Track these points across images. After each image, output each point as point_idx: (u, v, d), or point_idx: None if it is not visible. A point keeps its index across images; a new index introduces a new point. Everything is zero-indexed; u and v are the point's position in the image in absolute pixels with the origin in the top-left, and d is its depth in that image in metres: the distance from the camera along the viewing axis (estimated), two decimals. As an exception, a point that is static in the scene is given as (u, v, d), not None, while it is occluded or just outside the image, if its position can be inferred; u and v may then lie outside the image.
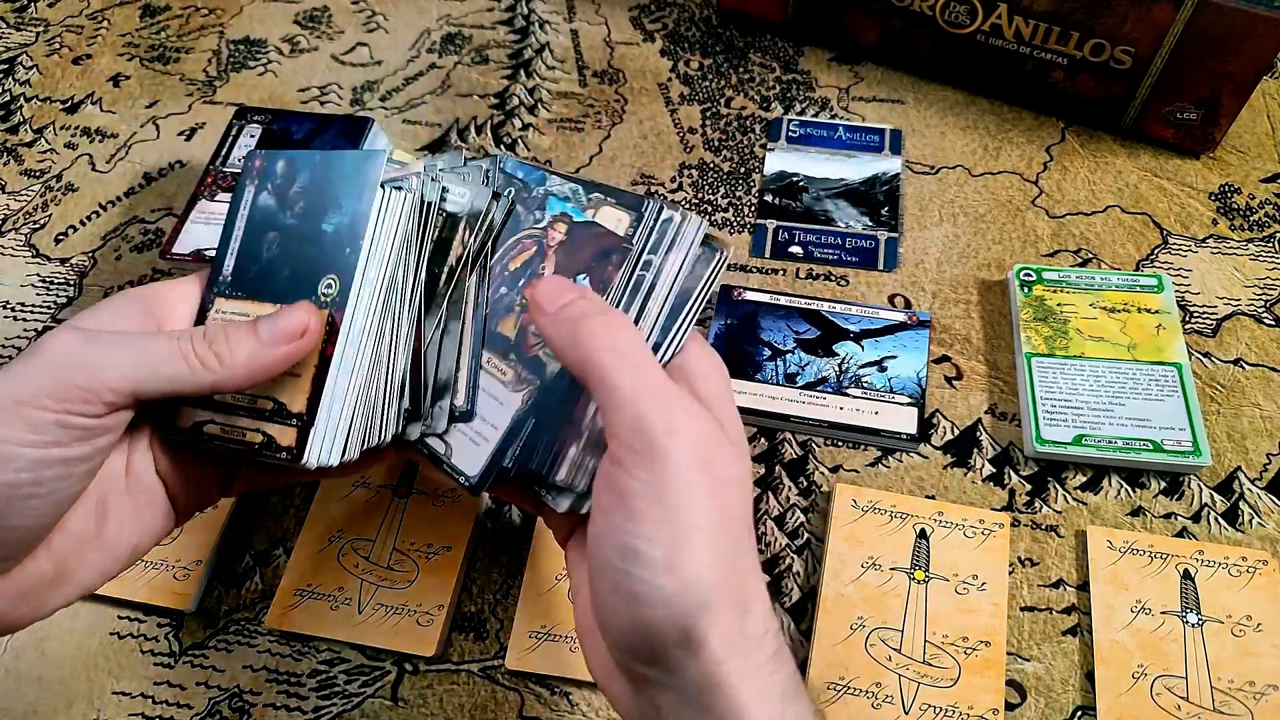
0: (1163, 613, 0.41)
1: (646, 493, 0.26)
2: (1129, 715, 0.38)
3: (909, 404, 0.47)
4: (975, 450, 0.46)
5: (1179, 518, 0.44)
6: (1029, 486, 0.45)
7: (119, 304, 0.32)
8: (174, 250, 0.48)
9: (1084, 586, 0.42)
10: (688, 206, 0.56)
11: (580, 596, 0.33)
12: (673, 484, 0.26)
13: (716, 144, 0.60)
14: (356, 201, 0.31)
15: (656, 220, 0.32)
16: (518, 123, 0.62)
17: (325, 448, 0.30)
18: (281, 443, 0.30)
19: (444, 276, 0.33)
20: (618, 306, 0.32)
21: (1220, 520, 0.44)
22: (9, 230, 0.59)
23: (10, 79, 0.67)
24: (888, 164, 0.57)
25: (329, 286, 0.31)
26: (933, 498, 0.45)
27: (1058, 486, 0.45)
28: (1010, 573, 0.42)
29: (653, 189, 0.57)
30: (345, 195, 0.32)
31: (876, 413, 0.47)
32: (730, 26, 0.66)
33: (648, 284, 0.32)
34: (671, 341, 0.32)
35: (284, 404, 0.31)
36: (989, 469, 0.46)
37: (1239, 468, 0.45)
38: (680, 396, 0.28)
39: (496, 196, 0.34)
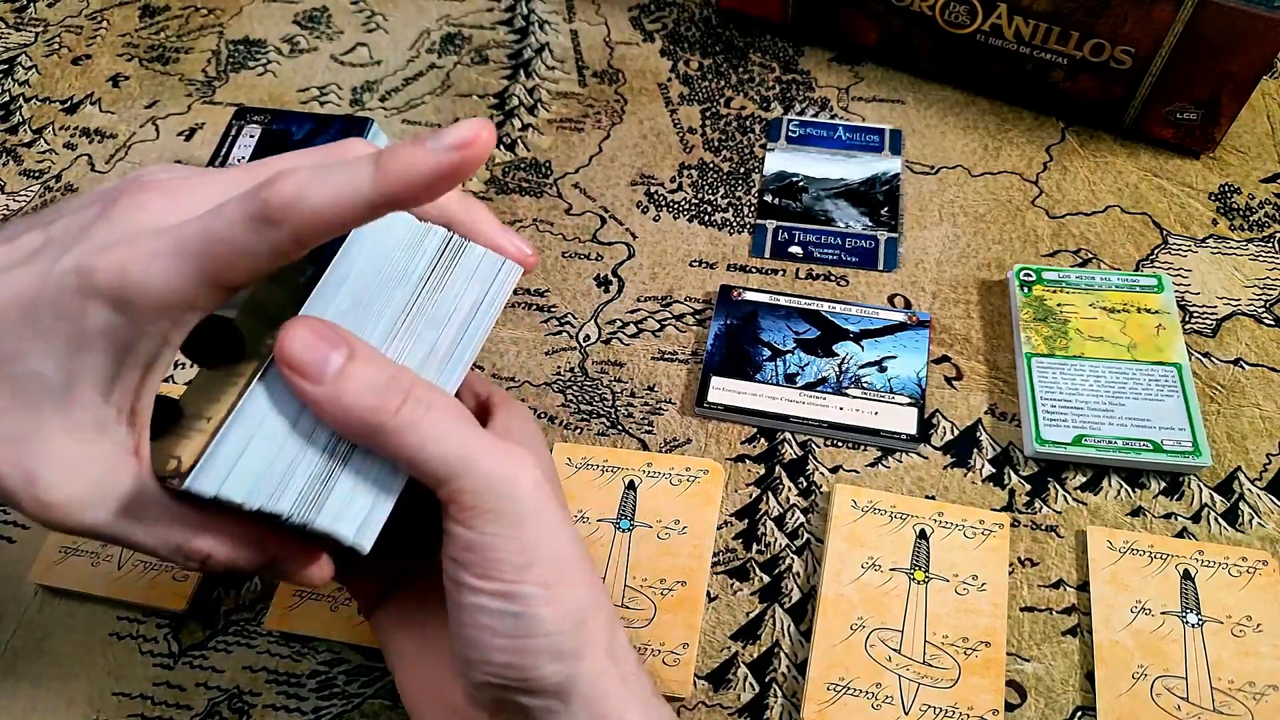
0: (1163, 613, 0.41)
1: (508, 544, 0.26)
2: (1129, 715, 0.38)
3: (909, 404, 0.47)
4: (975, 450, 0.46)
5: (1179, 518, 0.44)
6: (1029, 487, 0.45)
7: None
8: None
9: (1084, 587, 0.42)
10: (688, 206, 0.57)
11: (407, 661, 0.32)
12: (535, 531, 0.27)
13: (716, 144, 0.60)
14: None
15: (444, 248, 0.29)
16: (518, 123, 0.62)
17: (216, 475, 0.26)
18: (184, 469, 0.26)
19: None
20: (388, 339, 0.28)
21: (1220, 520, 0.44)
22: (9, 230, 0.59)
23: (10, 79, 0.67)
24: (887, 164, 0.57)
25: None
26: (933, 498, 0.45)
27: (1058, 487, 0.45)
28: (1010, 573, 0.42)
29: (652, 189, 0.58)
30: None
31: (876, 413, 0.47)
32: (730, 26, 0.66)
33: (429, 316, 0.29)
34: (457, 376, 0.29)
35: (177, 464, 0.27)
36: (989, 469, 0.46)
37: (1239, 468, 0.45)
38: (506, 447, 0.27)
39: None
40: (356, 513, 0.27)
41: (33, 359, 0.25)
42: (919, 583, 0.42)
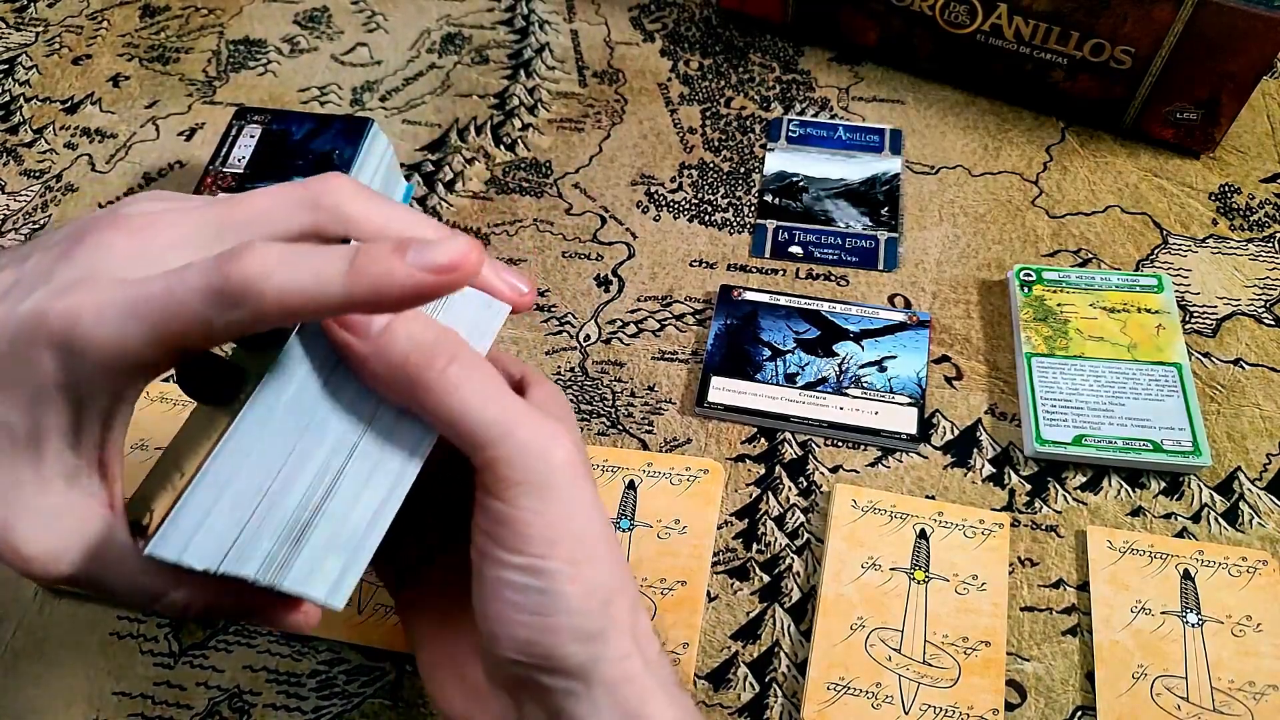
0: (1163, 613, 0.41)
1: (537, 519, 0.26)
2: (1129, 715, 0.38)
3: (909, 404, 0.47)
4: (975, 450, 0.46)
5: (1179, 518, 0.44)
6: (1029, 486, 0.45)
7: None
8: (174, 250, 0.48)
9: (1084, 586, 0.42)
10: (688, 206, 0.57)
11: (429, 641, 0.32)
12: (565, 506, 0.27)
13: (716, 144, 0.60)
14: None
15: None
16: (518, 123, 0.62)
17: (178, 542, 0.25)
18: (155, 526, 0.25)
19: None
20: None
21: (1220, 520, 0.44)
22: (9, 231, 0.59)
23: (10, 79, 0.67)
24: (888, 164, 0.57)
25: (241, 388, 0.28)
26: (933, 498, 0.45)
27: (1058, 486, 0.45)
28: (1010, 573, 0.42)
29: (653, 189, 0.58)
30: None
31: (876, 413, 0.47)
32: (730, 26, 0.66)
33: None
34: None
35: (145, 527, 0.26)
36: (989, 469, 0.46)
37: (1239, 468, 0.45)
38: (543, 419, 0.27)
39: None
40: (329, 571, 0.26)
41: (2, 409, 0.25)
42: (919, 582, 0.42)
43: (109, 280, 0.24)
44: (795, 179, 0.57)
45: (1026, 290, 0.50)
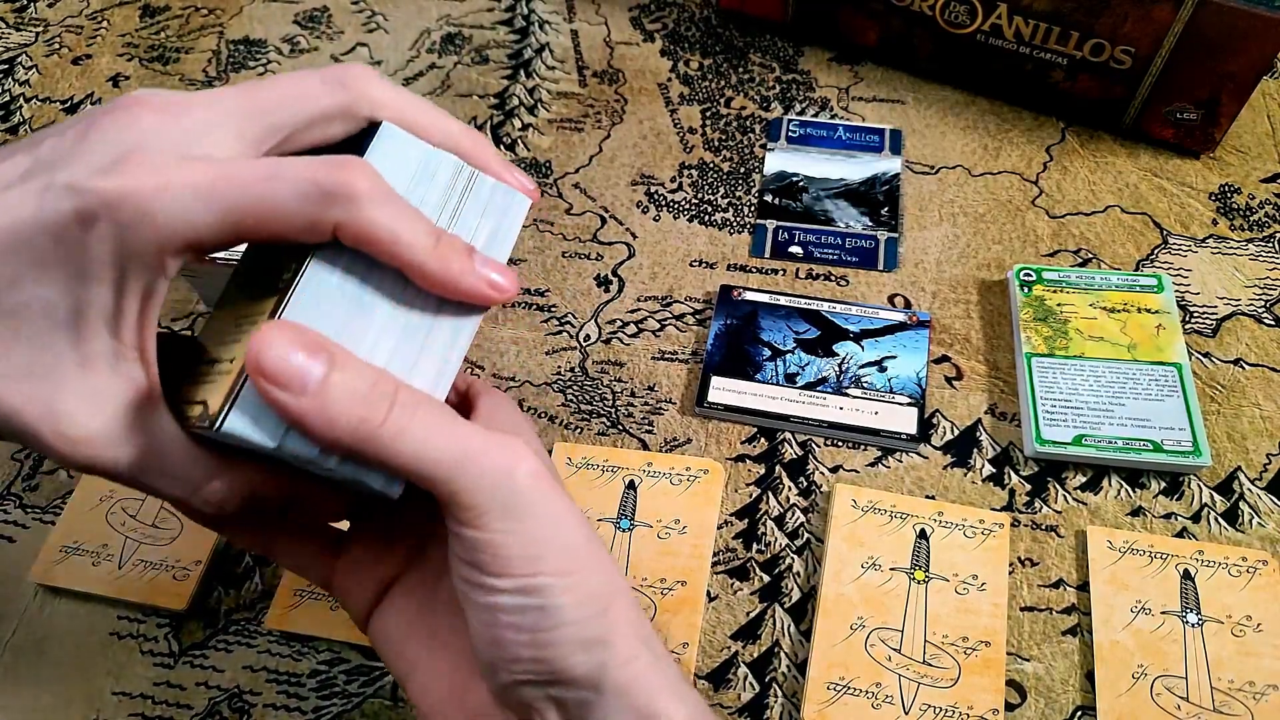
0: (1163, 613, 0.41)
1: (515, 539, 0.26)
2: (1129, 715, 0.38)
3: (909, 404, 0.47)
4: (975, 450, 0.46)
5: (1179, 518, 0.44)
6: (1029, 486, 0.45)
7: None
8: (174, 250, 0.48)
9: (1084, 586, 0.42)
10: (688, 206, 0.57)
11: (420, 670, 0.31)
12: (541, 520, 0.26)
13: (716, 144, 0.60)
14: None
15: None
16: (518, 123, 0.62)
17: (246, 420, 0.25)
18: (210, 412, 0.25)
19: None
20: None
21: (1220, 520, 0.44)
22: (9, 230, 0.59)
23: (10, 79, 0.67)
24: (888, 164, 0.57)
25: (288, 269, 0.27)
26: (933, 498, 0.45)
27: (1058, 486, 0.45)
28: (1010, 573, 0.42)
29: (652, 189, 0.58)
30: None
31: (876, 413, 0.47)
32: (730, 26, 0.66)
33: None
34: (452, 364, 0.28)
35: (194, 409, 0.27)
36: (989, 469, 0.46)
37: (1239, 468, 0.45)
38: (498, 440, 0.26)
39: None
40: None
41: (34, 287, 0.24)
42: (919, 582, 0.42)
43: (167, 158, 0.24)
44: (795, 179, 0.57)
45: (1026, 290, 0.50)
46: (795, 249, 0.54)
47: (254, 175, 0.24)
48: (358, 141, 0.27)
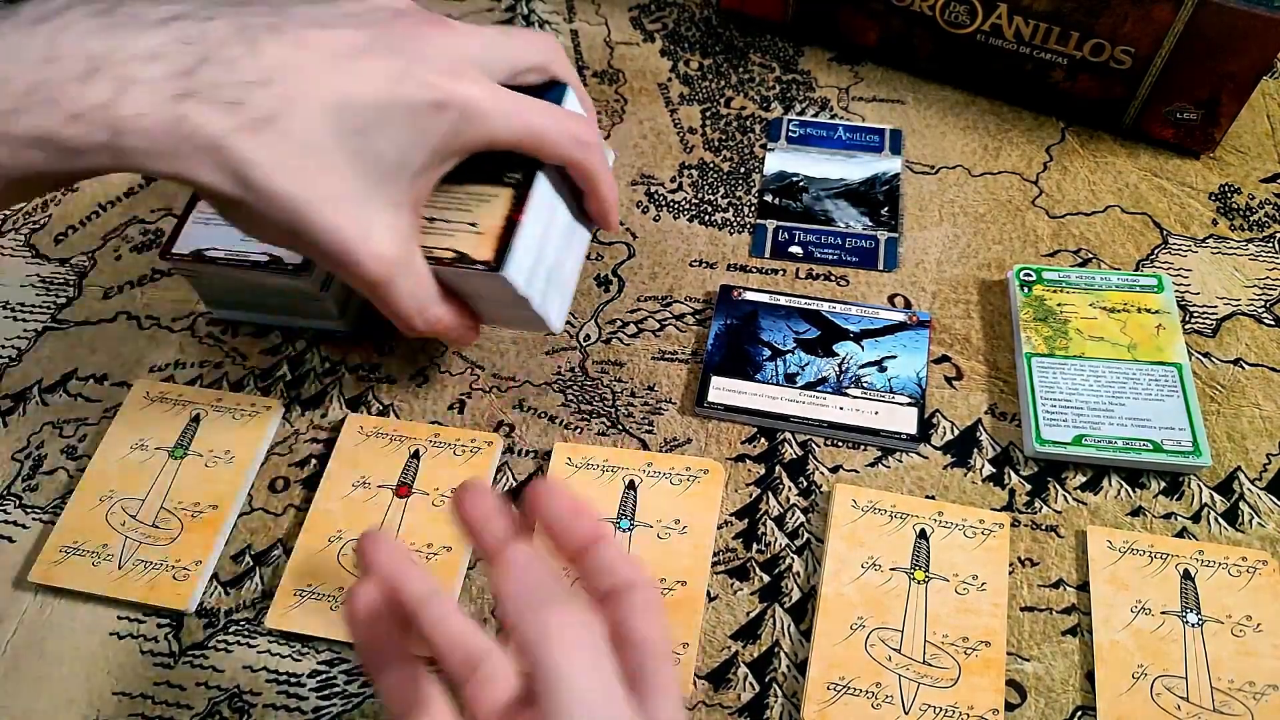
0: (1163, 613, 0.41)
1: None
2: (1129, 715, 0.38)
3: (909, 404, 0.47)
4: (975, 450, 0.46)
5: (1179, 518, 0.44)
6: (1029, 486, 0.45)
7: None
8: (174, 250, 0.48)
9: (1084, 586, 0.42)
10: (688, 206, 0.57)
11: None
12: None
13: (716, 144, 0.60)
14: None
15: None
16: (518, 123, 0.61)
17: (518, 271, 0.39)
18: (476, 257, 0.38)
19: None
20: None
21: (1220, 520, 0.44)
22: (9, 230, 0.59)
23: (10, 79, 0.67)
24: (888, 164, 0.57)
25: (513, 173, 0.40)
26: (933, 498, 0.45)
27: (1058, 486, 0.45)
28: (1010, 573, 0.42)
29: (652, 189, 0.58)
30: None
31: (876, 413, 0.47)
32: (730, 26, 0.66)
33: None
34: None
35: (465, 253, 0.38)
36: (989, 469, 0.46)
37: (1239, 468, 0.45)
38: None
39: None
40: (558, 305, 0.43)
41: (379, 141, 0.34)
42: (919, 582, 0.42)
43: (487, 82, 0.36)
44: (795, 179, 0.57)
45: (1026, 290, 0.50)
46: (795, 249, 0.54)
47: (543, 115, 0.37)
48: (540, 88, 0.40)
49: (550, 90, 0.40)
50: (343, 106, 0.33)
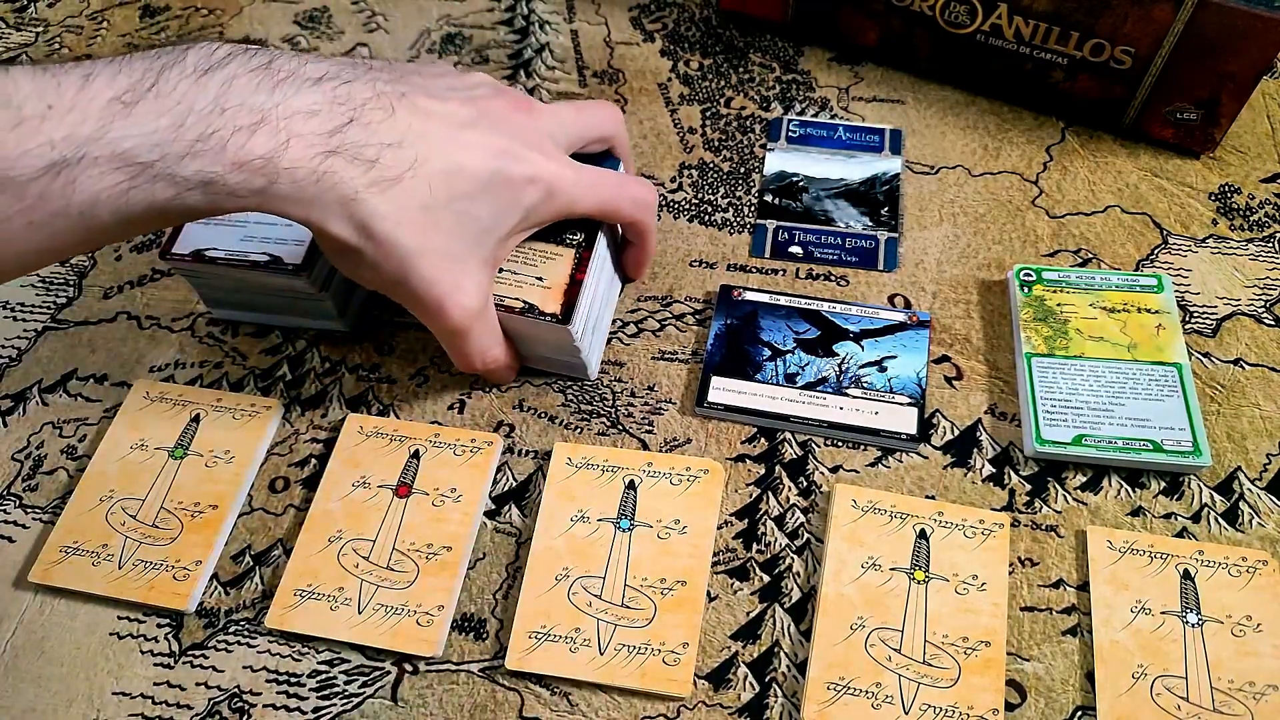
0: (1163, 613, 0.41)
1: None
2: (1129, 715, 0.38)
3: (909, 404, 0.47)
4: (975, 450, 0.46)
5: (1179, 518, 0.44)
6: (1029, 486, 0.45)
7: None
8: (174, 250, 0.48)
9: (1084, 586, 0.42)
10: (688, 206, 0.57)
11: None
12: None
13: (716, 144, 0.60)
14: None
15: None
16: (518, 123, 0.61)
17: (579, 325, 0.44)
18: (545, 309, 0.43)
19: None
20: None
21: (1220, 520, 0.44)
22: (9, 230, 0.59)
23: (10, 79, 0.67)
24: (888, 164, 0.57)
25: (574, 234, 0.46)
26: (933, 498, 0.45)
27: (1058, 486, 0.45)
28: (1010, 573, 0.42)
29: (653, 189, 0.58)
30: None
31: (876, 413, 0.47)
32: (730, 26, 0.66)
33: None
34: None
35: (534, 305, 0.43)
36: (989, 469, 0.46)
37: (1239, 468, 0.45)
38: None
39: None
40: (597, 355, 0.50)
41: (475, 206, 0.38)
42: (919, 582, 0.42)
43: (567, 159, 0.42)
44: (795, 179, 0.57)
45: (1026, 290, 0.50)
46: (795, 249, 0.54)
47: (614, 187, 0.43)
48: (599, 156, 0.47)
49: (607, 159, 0.47)
50: (455, 173, 0.37)
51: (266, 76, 0.34)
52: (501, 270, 0.44)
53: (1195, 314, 0.50)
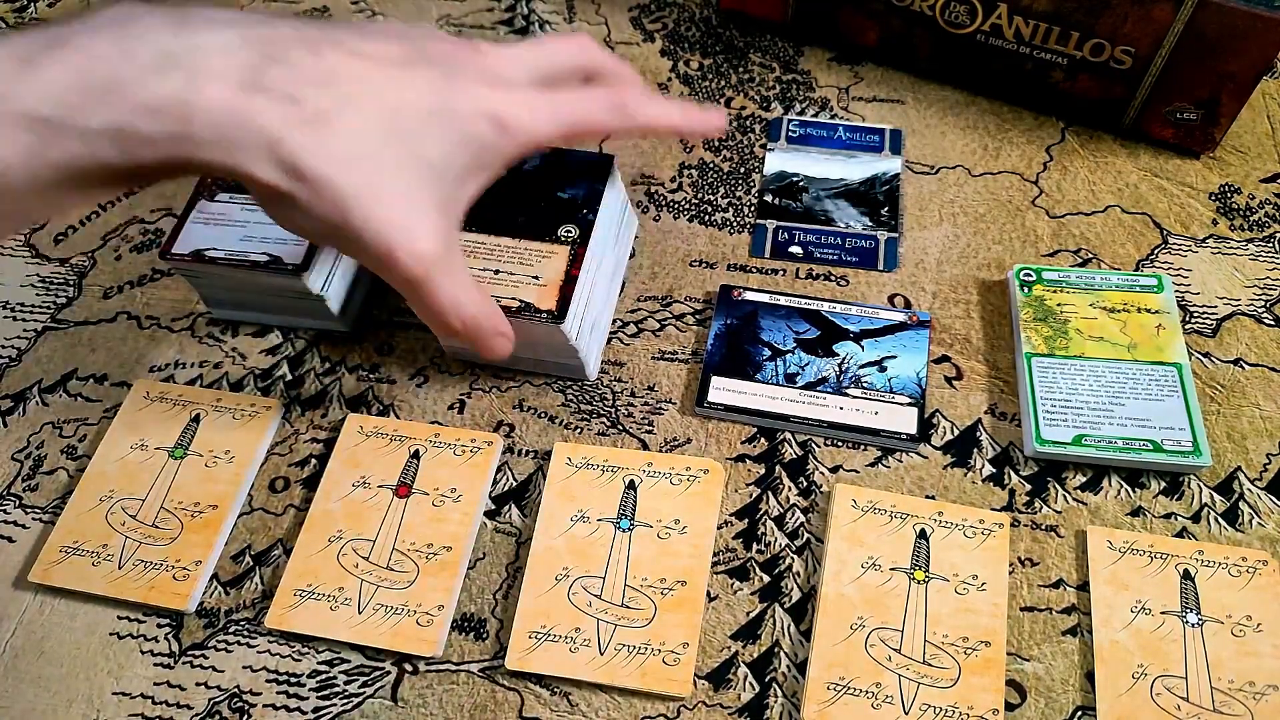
0: (1163, 613, 0.41)
1: None
2: (1129, 715, 0.38)
3: (909, 404, 0.47)
4: (975, 450, 0.46)
5: (1179, 518, 0.44)
6: (1029, 486, 0.45)
7: None
8: (174, 250, 0.48)
9: (1084, 586, 0.42)
10: (688, 206, 0.57)
11: None
12: None
13: (716, 144, 0.60)
14: (596, 184, 0.49)
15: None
16: (518, 123, 0.61)
17: (574, 321, 0.44)
18: (540, 307, 0.43)
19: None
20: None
21: (1220, 520, 0.44)
22: (9, 230, 0.59)
23: (10, 79, 0.67)
24: (888, 164, 0.57)
25: (569, 231, 0.46)
26: (933, 498, 0.45)
27: (1058, 486, 0.45)
28: (1010, 573, 0.42)
29: (652, 189, 0.58)
30: (583, 176, 0.49)
31: (876, 413, 0.47)
32: (730, 26, 0.66)
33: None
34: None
35: (530, 303, 0.43)
36: (989, 469, 0.46)
37: (1239, 468, 0.45)
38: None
39: None
40: (594, 349, 0.49)
41: (425, 145, 0.35)
42: (919, 582, 0.42)
43: (521, 89, 0.38)
44: (795, 179, 0.57)
45: (1026, 290, 0.50)
46: (795, 249, 0.54)
47: (574, 105, 0.38)
48: (590, 161, 0.48)
49: (598, 166, 0.49)
50: (394, 110, 0.35)
51: (177, 21, 0.32)
52: (497, 271, 0.45)
53: (1195, 314, 0.50)
